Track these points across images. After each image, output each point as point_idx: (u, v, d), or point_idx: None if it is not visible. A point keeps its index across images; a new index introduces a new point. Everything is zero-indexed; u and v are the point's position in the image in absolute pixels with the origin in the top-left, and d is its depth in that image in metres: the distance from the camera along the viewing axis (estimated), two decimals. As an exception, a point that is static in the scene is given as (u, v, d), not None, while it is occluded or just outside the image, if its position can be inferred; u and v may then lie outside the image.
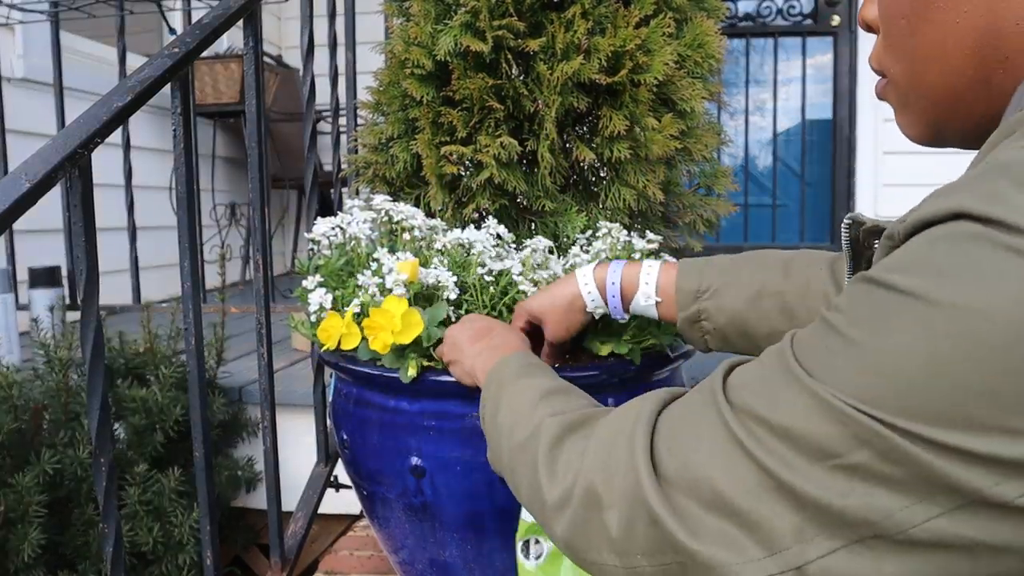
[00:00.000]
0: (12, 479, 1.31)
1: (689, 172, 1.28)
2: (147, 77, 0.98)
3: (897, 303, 0.35)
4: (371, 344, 0.95)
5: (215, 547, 1.13)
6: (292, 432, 1.71)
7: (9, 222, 0.79)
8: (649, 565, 0.44)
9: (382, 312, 0.94)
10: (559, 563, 0.96)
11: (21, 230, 2.38)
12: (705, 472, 0.41)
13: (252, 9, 1.20)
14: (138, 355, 1.64)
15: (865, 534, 0.35)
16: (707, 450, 0.42)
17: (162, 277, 3.22)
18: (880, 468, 0.34)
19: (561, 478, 0.51)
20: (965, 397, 0.32)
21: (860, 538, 0.36)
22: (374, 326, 0.94)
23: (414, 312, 0.94)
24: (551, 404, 0.61)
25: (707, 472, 0.41)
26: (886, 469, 0.34)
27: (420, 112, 1.14)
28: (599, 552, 0.47)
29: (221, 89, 3.23)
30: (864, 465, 0.35)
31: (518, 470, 0.59)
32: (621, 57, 1.09)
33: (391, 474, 1.01)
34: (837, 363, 0.37)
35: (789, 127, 3.67)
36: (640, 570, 0.45)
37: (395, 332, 0.93)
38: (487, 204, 1.13)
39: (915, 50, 0.47)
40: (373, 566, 1.51)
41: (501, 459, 0.65)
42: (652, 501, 0.43)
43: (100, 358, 0.91)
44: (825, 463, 0.36)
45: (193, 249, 1.08)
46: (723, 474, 0.40)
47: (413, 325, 0.93)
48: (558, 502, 0.51)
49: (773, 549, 0.38)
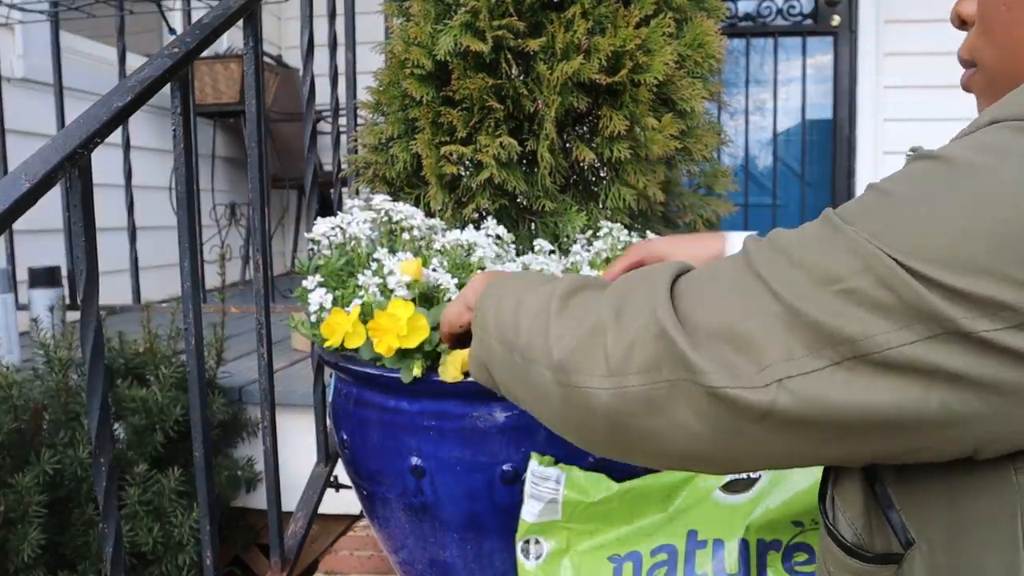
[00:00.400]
0: (12, 479, 1.31)
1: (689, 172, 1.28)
2: (147, 77, 0.98)
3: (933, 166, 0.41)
4: (376, 347, 0.94)
5: (215, 547, 1.13)
6: (292, 432, 1.71)
7: (9, 222, 0.79)
8: (640, 384, 0.46)
9: (388, 315, 0.93)
10: (559, 563, 0.96)
11: (21, 230, 2.38)
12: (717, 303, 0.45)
13: (252, 9, 1.20)
14: (138, 355, 1.64)
15: (846, 354, 0.40)
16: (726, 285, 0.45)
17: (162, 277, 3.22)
18: (875, 294, 0.39)
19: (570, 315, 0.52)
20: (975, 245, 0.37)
21: (841, 358, 0.40)
22: (379, 328, 0.94)
23: (420, 316, 0.94)
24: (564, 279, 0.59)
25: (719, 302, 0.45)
26: (880, 295, 0.39)
27: (420, 112, 1.14)
28: (591, 375, 0.48)
29: (221, 89, 3.22)
30: (861, 289, 0.39)
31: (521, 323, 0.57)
32: (621, 57, 1.09)
33: (391, 474, 1.01)
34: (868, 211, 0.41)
35: (789, 127, 3.67)
36: (627, 391, 0.46)
37: (401, 336, 0.92)
38: (487, 204, 1.13)
39: (1016, 39, 0.50)
40: (373, 566, 1.51)
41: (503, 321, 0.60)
42: (666, 320, 0.45)
43: (100, 358, 0.91)
44: (828, 287, 0.40)
45: (193, 249, 1.08)
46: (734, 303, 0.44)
47: (419, 329, 0.93)
48: (561, 333, 0.52)
49: (761, 365, 0.41)
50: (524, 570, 0.96)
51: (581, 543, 0.96)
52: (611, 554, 0.95)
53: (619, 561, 0.95)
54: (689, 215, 1.25)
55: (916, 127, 3.42)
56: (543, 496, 0.93)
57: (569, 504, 0.93)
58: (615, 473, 0.94)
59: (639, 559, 0.96)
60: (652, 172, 1.15)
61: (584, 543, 0.96)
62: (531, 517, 0.94)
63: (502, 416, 0.95)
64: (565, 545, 0.96)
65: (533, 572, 0.96)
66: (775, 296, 0.42)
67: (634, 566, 0.95)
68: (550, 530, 0.95)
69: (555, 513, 0.94)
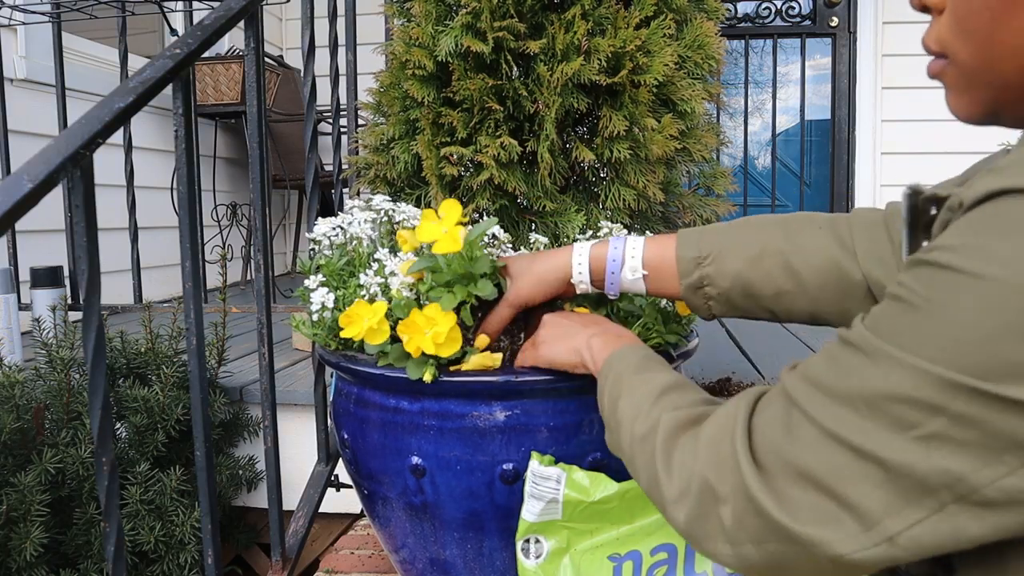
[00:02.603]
0: (14, 478, 1.31)
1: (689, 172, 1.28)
2: (149, 78, 0.98)
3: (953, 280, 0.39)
4: (406, 345, 0.92)
5: (216, 546, 1.13)
6: (293, 431, 1.71)
7: (11, 222, 0.79)
8: (756, 553, 0.48)
9: (426, 318, 0.91)
10: (559, 562, 0.96)
11: (23, 230, 2.39)
12: (798, 460, 0.46)
13: (253, 10, 1.20)
14: (139, 355, 1.65)
15: (945, 500, 0.39)
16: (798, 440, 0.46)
17: (163, 277, 3.23)
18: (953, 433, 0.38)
19: (677, 475, 0.56)
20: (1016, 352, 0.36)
21: (941, 505, 0.40)
22: (411, 328, 0.91)
23: (458, 329, 0.92)
24: (669, 399, 0.65)
25: (800, 459, 0.45)
26: (959, 433, 0.38)
27: (421, 113, 1.15)
28: (715, 542, 0.52)
29: (222, 90, 3.23)
30: (940, 432, 0.39)
31: (637, 461, 0.64)
32: (621, 58, 1.10)
33: (392, 473, 1.02)
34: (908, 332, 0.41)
35: (788, 128, 3.67)
36: (749, 558, 0.49)
37: (438, 344, 0.90)
38: (487, 204, 1.13)
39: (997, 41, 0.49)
40: (374, 565, 1.51)
41: (621, 447, 0.69)
42: (755, 492, 0.47)
43: (102, 358, 0.91)
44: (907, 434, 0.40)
45: (195, 249, 1.08)
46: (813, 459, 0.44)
47: (455, 340, 0.91)
48: (676, 496, 0.55)
49: (867, 524, 0.42)
50: (524, 569, 0.96)
51: (581, 542, 0.96)
52: (611, 553, 0.96)
53: (619, 560, 0.96)
54: (689, 215, 1.25)
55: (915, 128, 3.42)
56: (543, 495, 0.93)
57: (569, 503, 0.93)
58: (615, 473, 0.95)
59: (639, 558, 0.96)
60: (652, 172, 1.15)
61: (584, 542, 0.96)
62: (531, 516, 0.94)
63: (502, 416, 0.96)
64: (565, 544, 0.96)
65: (533, 571, 0.96)
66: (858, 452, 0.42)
67: (634, 565, 0.96)
68: (550, 529, 0.95)
69: (555, 512, 0.94)
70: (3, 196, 0.79)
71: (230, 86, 3.22)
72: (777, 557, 0.47)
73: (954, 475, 0.39)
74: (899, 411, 0.40)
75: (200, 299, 1.10)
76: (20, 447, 1.38)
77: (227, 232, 3.57)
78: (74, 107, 1.98)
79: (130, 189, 2.32)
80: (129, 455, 1.50)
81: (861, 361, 0.43)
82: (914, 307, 0.41)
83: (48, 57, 2.43)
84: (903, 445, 0.40)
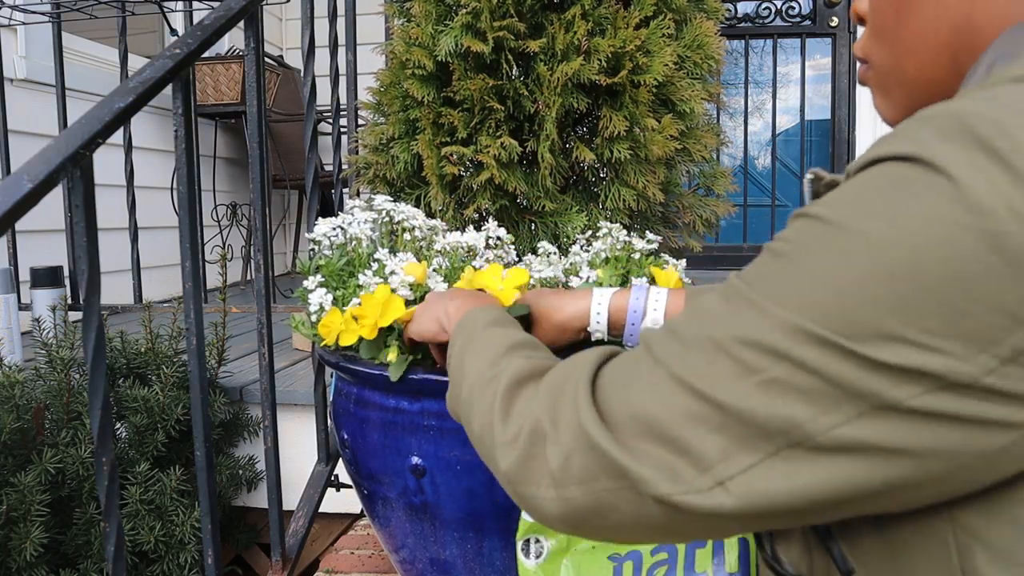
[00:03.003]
0: (14, 478, 1.31)
1: (689, 172, 1.29)
2: (149, 78, 0.98)
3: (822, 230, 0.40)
4: (360, 330, 0.97)
5: (216, 546, 1.13)
6: (293, 431, 1.71)
7: (11, 222, 0.79)
8: (582, 494, 0.47)
9: (369, 298, 0.97)
10: (559, 562, 0.96)
11: (23, 230, 2.39)
12: (636, 400, 0.45)
13: (253, 10, 1.20)
14: (139, 355, 1.65)
15: (780, 445, 0.39)
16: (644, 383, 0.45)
17: (163, 277, 3.23)
18: (796, 380, 0.38)
19: (514, 420, 0.55)
20: (875, 312, 0.36)
21: (776, 450, 0.39)
22: (362, 314, 0.97)
23: (396, 298, 0.97)
24: (520, 352, 0.64)
25: (638, 400, 0.45)
26: (801, 380, 0.38)
27: (421, 112, 1.15)
28: (537, 486, 0.50)
29: (222, 90, 3.23)
30: (782, 379, 0.39)
31: (474, 407, 0.62)
32: (621, 58, 1.10)
33: (391, 473, 1.02)
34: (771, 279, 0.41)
35: (788, 127, 3.67)
36: (573, 499, 0.47)
37: (377, 317, 0.96)
38: (488, 204, 1.13)
39: (899, 39, 0.52)
40: (374, 565, 1.51)
41: (460, 396, 0.67)
42: (589, 427, 0.46)
43: (102, 358, 0.91)
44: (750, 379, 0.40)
45: (194, 249, 1.08)
46: (651, 400, 0.44)
47: (393, 308, 0.96)
48: (508, 441, 0.54)
49: (702, 468, 0.41)
50: (524, 569, 0.96)
51: (581, 542, 0.96)
52: (611, 553, 0.96)
53: (619, 560, 0.96)
54: (689, 215, 1.26)
55: (916, 128, 3.42)
56: (543, 495, 0.93)
57: (569, 503, 0.93)
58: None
59: (639, 558, 0.96)
60: (652, 173, 1.15)
61: (584, 542, 0.96)
62: (532, 517, 0.94)
63: (502, 415, 0.96)
64: (565, 544, 0.96)
65: (533, 571, 0.96)
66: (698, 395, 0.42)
67: (634, 565, 0.96)
68: (550, 529, 0.95)
69: (555, 512, 0.94)
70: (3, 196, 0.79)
71: (230, 86, 3.22)
72: (603, 497, 0.46)
73: (793, 421, 0.38)
74: (747, 355, 0.40)
75: (200, 299, 1.10)
76: (20, 447, 1.38)
77: (227, 232, 3.57)
78: (74, 107, 1.99)
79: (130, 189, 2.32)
80: (129, 455, 1.50)
81: (722, 308, 0.43)
82: (781, 255, 0.41)
83: (48, 57, 2.43)
84: (746, 390, 0.40)
